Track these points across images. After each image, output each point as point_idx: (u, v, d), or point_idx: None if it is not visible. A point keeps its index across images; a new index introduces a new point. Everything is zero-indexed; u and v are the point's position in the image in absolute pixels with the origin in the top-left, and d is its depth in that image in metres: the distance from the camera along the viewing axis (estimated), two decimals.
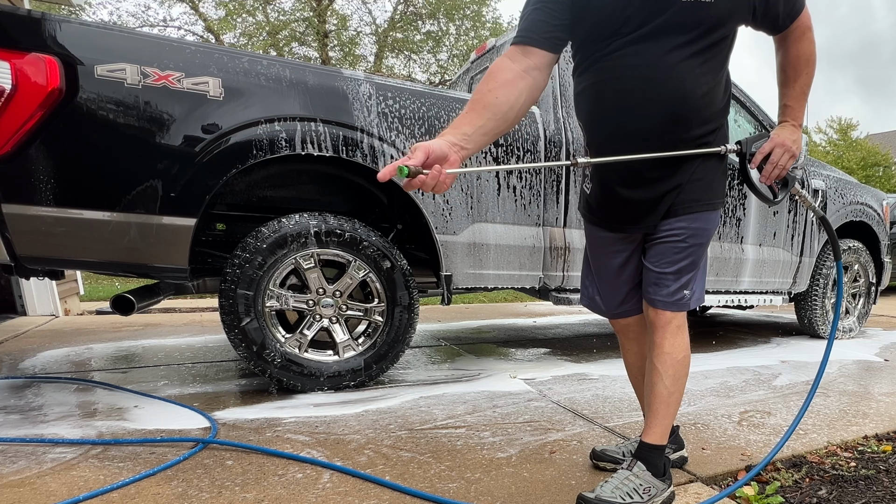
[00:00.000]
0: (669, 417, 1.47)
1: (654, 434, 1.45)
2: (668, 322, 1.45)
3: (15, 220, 1.91)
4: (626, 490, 1.36)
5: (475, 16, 17.11)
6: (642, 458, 1.44)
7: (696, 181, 1.40)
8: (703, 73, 1.31)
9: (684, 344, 1.48)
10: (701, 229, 1.43)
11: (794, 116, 1.45)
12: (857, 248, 4.21)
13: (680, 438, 1.68)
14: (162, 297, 2.47)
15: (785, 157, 1.42)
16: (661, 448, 1.46)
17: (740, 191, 3.41)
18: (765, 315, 5.76)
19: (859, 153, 21.85)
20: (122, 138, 1.97)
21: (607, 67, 1.34)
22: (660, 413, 1.45)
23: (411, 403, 2.24)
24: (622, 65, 1.31)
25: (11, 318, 4.63)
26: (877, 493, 1.53)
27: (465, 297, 6.62)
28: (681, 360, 1.46)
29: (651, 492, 1.38)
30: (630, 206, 1.44)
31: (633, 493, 1.36)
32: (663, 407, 1.45)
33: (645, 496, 1.37)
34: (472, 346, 3.63)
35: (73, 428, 1.88)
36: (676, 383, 1.45)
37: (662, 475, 1.43)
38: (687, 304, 1.46)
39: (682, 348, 1.47)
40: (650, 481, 1.40)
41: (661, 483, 1.41)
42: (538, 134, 2.74)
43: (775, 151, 1.41)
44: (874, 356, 3.50)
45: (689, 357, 1.49)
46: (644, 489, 1.38)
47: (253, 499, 1.40)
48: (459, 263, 2.60)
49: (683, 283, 1.44)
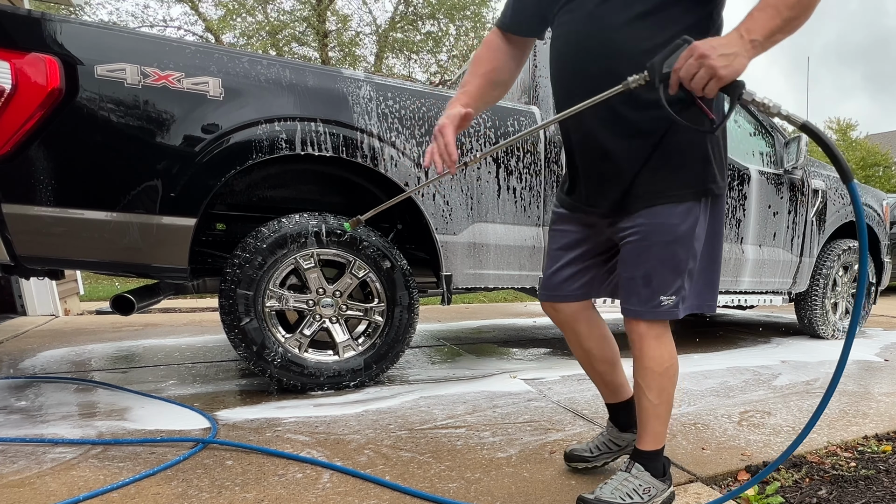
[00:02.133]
0: (661, 425, 1.41)
1: (646, 442, 1.42)
2: (643, 333, 1.36)
3: (15, 220, 1.91)
4: (626, 490, 1.35)
5: (475, 16, 17.12)
6: (639, 461, 1.42)
7: (655, 168, 1.29)
8: (646, 28, 1.23)
9: (666, 355, 1.38)
10: (663, 225, 1.29)
11: (748, 27, 1.08)
12: (858, 248, 4.21)
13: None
14: (162, 297, 2.47)
15: (701, 72, 1.05)
16: (658, 451, 1.44)
17: (740, 191, 3.41)
18: (765, 315, 5.76)
19: (859, 153, 21.86)
20: (122, 138, 1.97)
21: (556, 31, 1.38)
22: (649, 425, 1.41)
23: (411, 403, 2.24)
24: (566, 27, 1.34)
25: (11, 318, 4.63)
26: (877, 493, 1.52)
27: (465, 297, 6.63)
28: (663, 372, 1.37)
29: (651, 492, 1.38)
30: (606, 162, 1.33)
31: (633, 493, 1.35)
32: (652, 419, 1.40)
33: (645, 496, 1.36)
34: (472, 346, 3.63)
35: (73, 428, 1.88)
36: (661, 395, 1.38)
37: (662, 475, 1.42)
38: (670, 312, 1.34)
39: (664, 360, 1.37)
40: (649, 481, 1.39)
41: (660, 483, 1.41)
42: (538, 134, 2.74)
43: (687, 65, 1.06)
44: (874, 356, 3.50)
45: (674, 367, 1.40)
46: (644, 489, 1.37)
47: (253, 499, 1.39)
48: (459, 263, 2.60)
49: (657, 287, 1.32)
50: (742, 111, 3.70)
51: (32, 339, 3.66)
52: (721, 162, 1.35)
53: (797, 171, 3.74)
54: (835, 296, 4.19)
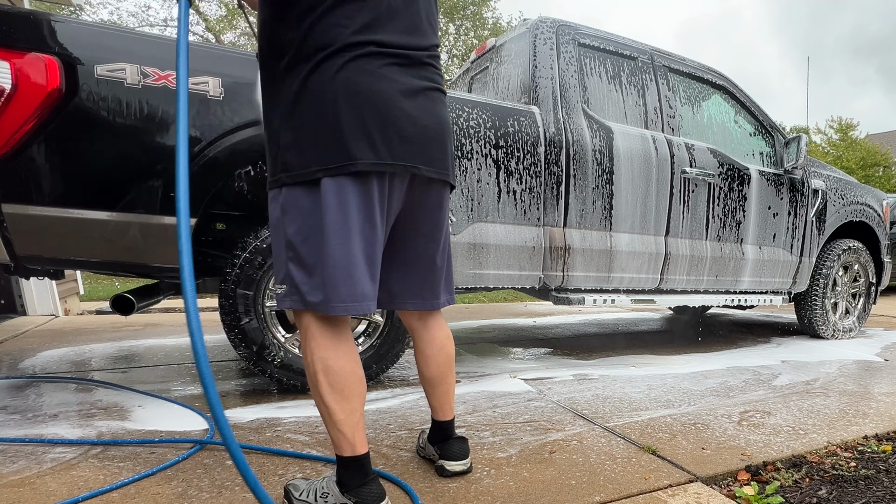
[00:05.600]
0: (332, 429, 1.27)
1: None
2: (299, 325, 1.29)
3: (15, 220, 1.91)
4: (313, 488, 1.34)
5: (475, 16, 17.13)
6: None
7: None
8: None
9: (307, 352, 1.26)
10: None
11: None
12: (857, 248, 4.21)
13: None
14: (162, 297, 2.47)
15: None
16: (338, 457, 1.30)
17: (740, 192, 3.42)
18: (765, 315, 5.76)
19: (859, 153, 21.87)
20: (121, 138, 1.97)
21: None
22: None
23: (411, 403, 2.24)
24: None
25: (11, 318, 4.63)
26: (877, 493, 1.52)
27: (465, 297, 6.63)
28: (307, 371, 1.27)
29: (328, 499, 1.29)
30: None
31: (312, 492, 1.32)
32: (323, 418, 1.29)
33: (320, 501, 1.29)
34: (472, 346, 3.63)
35: (73, 428, 1.88)
36: (314, 395, 1.28)
37: (344, 488, 1.28)
38: (282, 302, 1.26)
39: (306, 357, 1.27)
40: (331, 487, 1.31)
41: (340, 496, 1.28)
42: (538, 135, 2.74)
43: None
44: (874, 356, 3.50)
45: (314, 367, 1.24)
46: (322, 493, 1.30)
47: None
48: (460, 263, 2.60)
49: (275, 273, 1.28)
50: (742, 111, 3.70)
51: (32, 339, 3.67)
52: (302, 145, 1.21)
53: (797, 171, 3.74)
54: (835, 296, 4.19)
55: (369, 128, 1.21)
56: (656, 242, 3.13)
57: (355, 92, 1.20)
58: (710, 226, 3.33)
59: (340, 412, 1.25)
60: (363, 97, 1.20)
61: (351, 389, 1.26)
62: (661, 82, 3.26)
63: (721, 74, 3.63)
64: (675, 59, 3.40)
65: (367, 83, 1.21)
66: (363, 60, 1.21)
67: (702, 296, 3.45)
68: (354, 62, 1.20)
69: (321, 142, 1.20)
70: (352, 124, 1.19)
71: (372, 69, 1.22)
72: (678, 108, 3.32)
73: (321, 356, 1.24)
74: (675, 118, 3.26)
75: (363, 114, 1.20)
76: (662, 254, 3.14)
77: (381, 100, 1.22)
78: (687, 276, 3.30)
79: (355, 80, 1.20)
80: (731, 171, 3.38)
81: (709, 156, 3.30)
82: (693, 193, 3.22)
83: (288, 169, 1.22)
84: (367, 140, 1.20)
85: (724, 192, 3.36)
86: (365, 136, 1.20)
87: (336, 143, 1.19)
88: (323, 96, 1.20)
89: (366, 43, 1.21)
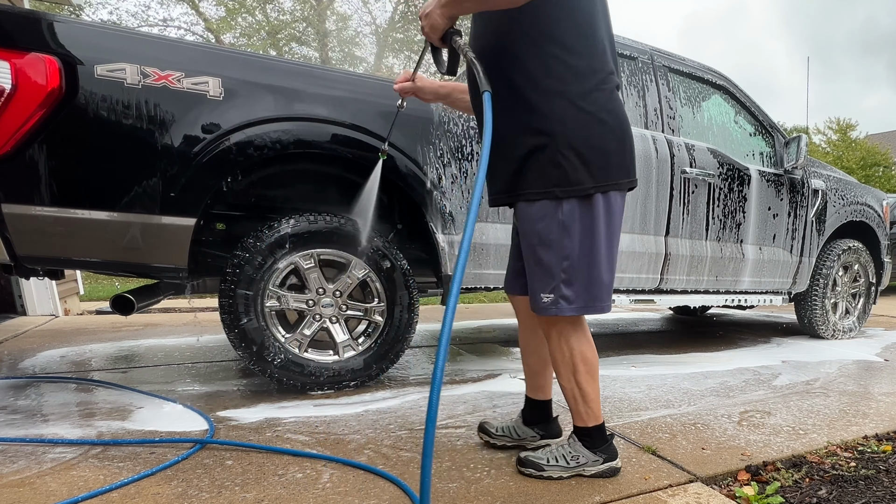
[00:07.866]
0: (582, 406, 1.54)
1: (575, 419, 1.59)
2: (546, 328, 1.54)
3: (15, 220, 1.91)
4: (557, 455, 1.55)
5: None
6: (575, 434, 1.58)
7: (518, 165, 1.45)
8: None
9: (565, 347, 1.51)
10: (525, 223, 1.47)
11: None
12: (857, 248, 4.21)
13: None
14: (162, 297, 2.47)
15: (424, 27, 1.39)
16: (590, 428, 1.56)
17: (740, 192, 3.42)
18: (765, 315, 5.76)
19: (858, 153, 21.85)
20: (121, 138, 1.97)
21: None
22: (570, 405, 1.57)
23: (411, 403, 2.24)
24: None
25: (11, 318, 4.63)
26: (877, 493, 1.52)
27: (465, 297, 6.62)
28: (565, 361, 1.52)
29: (580, 460, 1.54)
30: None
31: (560, 458, 1.54)
32: (570, 400, 1.56)
33: (572, 462, 1.54)
34: (472, 346, 3.63)
35: (73, 428, 1.88)
36: (570, 381, 1.52)
37: (596, 448, 1.55)
38: (550, 310, 1.46)
39: (565, 352, 1.51)
40: (580, 451, 1.55)
41: (591, 455, 1.54)
42: None
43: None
44: (874, 356, 3.50)
45: (580, 357, 1.51)
46: (572, 456, 1.54)
47: (253, 499, 1.39)
48: None
49: (536, 286, 1.48)
50: (742, 111, 3.70)
51: (32, 339, 3.66)
52: (582, 162, 1.37)
53: (797, 171, 3.74)
54: (835, 296, 4.19)
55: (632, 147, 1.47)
56: (656, 242, 3.13)
57: (624, 117, 1.45)
58: (710, 226, 3.33)
59: (592, 392, 1.53)
60: (627, 120, 1.46)
61: (597, 373, 1.54)
62: (661, 82, 3.26)
63: (721, 74, 3.63)
64: (675, 59, 3.40)
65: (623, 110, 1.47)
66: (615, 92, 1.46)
67: (702, 296, 3.45)
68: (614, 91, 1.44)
69: (614, 159, 1.40)
70: (629, 145, 1.45)
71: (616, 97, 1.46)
72: (678, 108, 3.32)
73: (580, 350, 1.50)
74: (676, 118, 3.26)
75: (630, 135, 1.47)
76: (662, 254, 3.14)
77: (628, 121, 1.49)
78: (687, 277, 3.30)
79: (621, 106, 1.45)
80: (731, 172, 3.38)
81: (709, 156, 3.30)
82: (693, 194, 3.22)
83: (571, 183, 1.37)
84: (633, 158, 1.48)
85: (724, 193, 3.36)
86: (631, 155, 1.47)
87: (620, 161, 1.42)
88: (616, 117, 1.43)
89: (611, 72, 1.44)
